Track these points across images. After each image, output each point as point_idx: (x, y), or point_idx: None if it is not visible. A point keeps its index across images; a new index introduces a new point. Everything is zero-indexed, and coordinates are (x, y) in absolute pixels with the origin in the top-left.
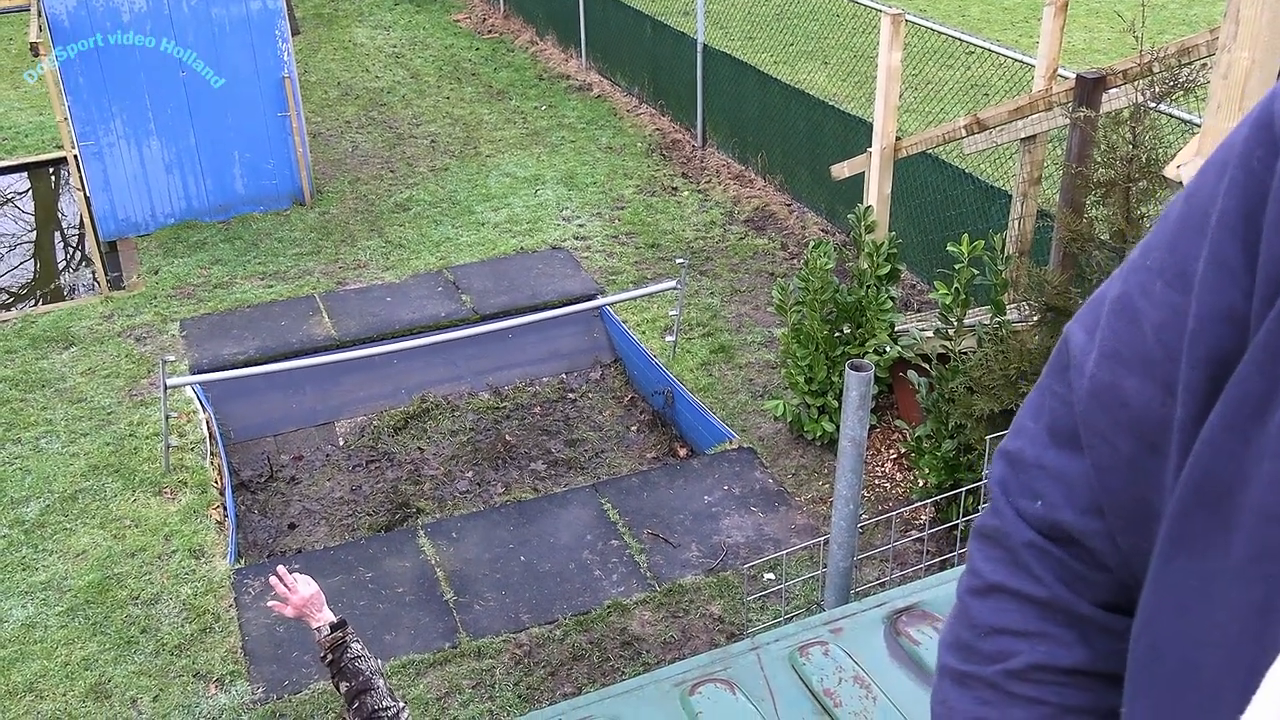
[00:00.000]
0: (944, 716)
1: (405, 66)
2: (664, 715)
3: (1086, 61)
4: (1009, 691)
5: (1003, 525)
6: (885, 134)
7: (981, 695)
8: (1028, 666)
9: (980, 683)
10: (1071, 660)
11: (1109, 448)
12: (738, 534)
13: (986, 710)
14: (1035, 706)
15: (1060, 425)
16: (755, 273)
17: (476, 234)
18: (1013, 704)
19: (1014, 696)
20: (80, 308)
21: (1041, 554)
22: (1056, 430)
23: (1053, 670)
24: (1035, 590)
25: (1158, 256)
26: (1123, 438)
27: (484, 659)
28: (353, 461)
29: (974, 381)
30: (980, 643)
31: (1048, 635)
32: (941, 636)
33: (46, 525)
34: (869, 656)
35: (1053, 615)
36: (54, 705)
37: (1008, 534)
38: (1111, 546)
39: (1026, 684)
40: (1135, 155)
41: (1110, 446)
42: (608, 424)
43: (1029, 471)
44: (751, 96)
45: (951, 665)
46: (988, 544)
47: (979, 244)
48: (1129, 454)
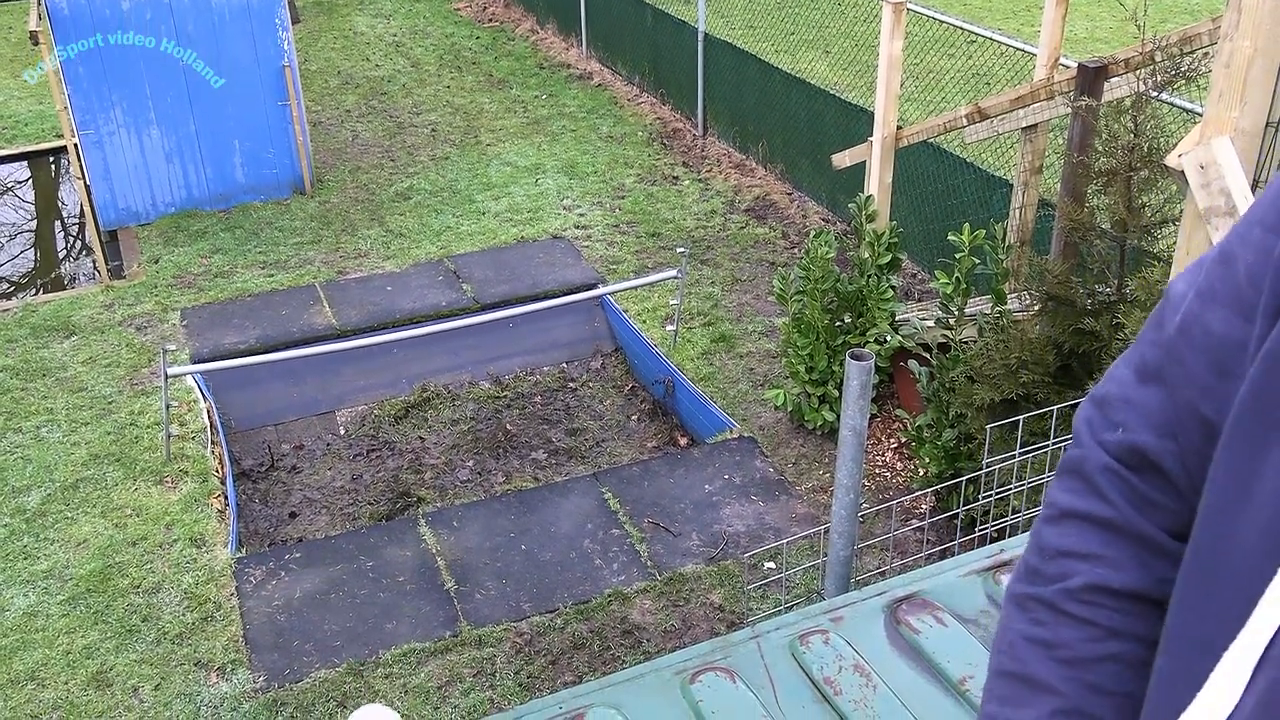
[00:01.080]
0: (1002, 638)
1: (406, 55)
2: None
3: (1088, 50)
4: (1063, 610)
5: (1082, 455)
6: (886, 123)
7: (1037, 616)
8: (1083, 586)
9: (1038, 603)
10: (1125, 582)
11: (1187, 373)
12: (738, 523)
13: (1039, 630)
14: (1085, 627)
15: (1148, 365)
16: (756, 262)
17: (477, 223)
18: (1063, 623)
19: (1066, 616)
20: (81, 297)
21: (1115, 477)
22: (1144, 370)
23: (1107, 591)
24: (1104, 511)
25: (1260, 209)
26: (1199, 361)
27: (485, 648)
28: (353, 450)
29: (975, 371)
30: (1045, 565)
31: (1107, 557)
32: (1015, 569)
33: (48, 514)
34: (869, 645)
35: (1116, 536)
36: (55, 693)
37: (1085, 460)
38: (1182, 470)
39: (1080, 604)
40: (1137, 144)
41: (1188, 372)
42: (608, 413)
43: (1113, 406)
44: (752, 85)
45: (1016, 590)
46: (1066, 476)
47: (980, 233)
48: (1201, 377)
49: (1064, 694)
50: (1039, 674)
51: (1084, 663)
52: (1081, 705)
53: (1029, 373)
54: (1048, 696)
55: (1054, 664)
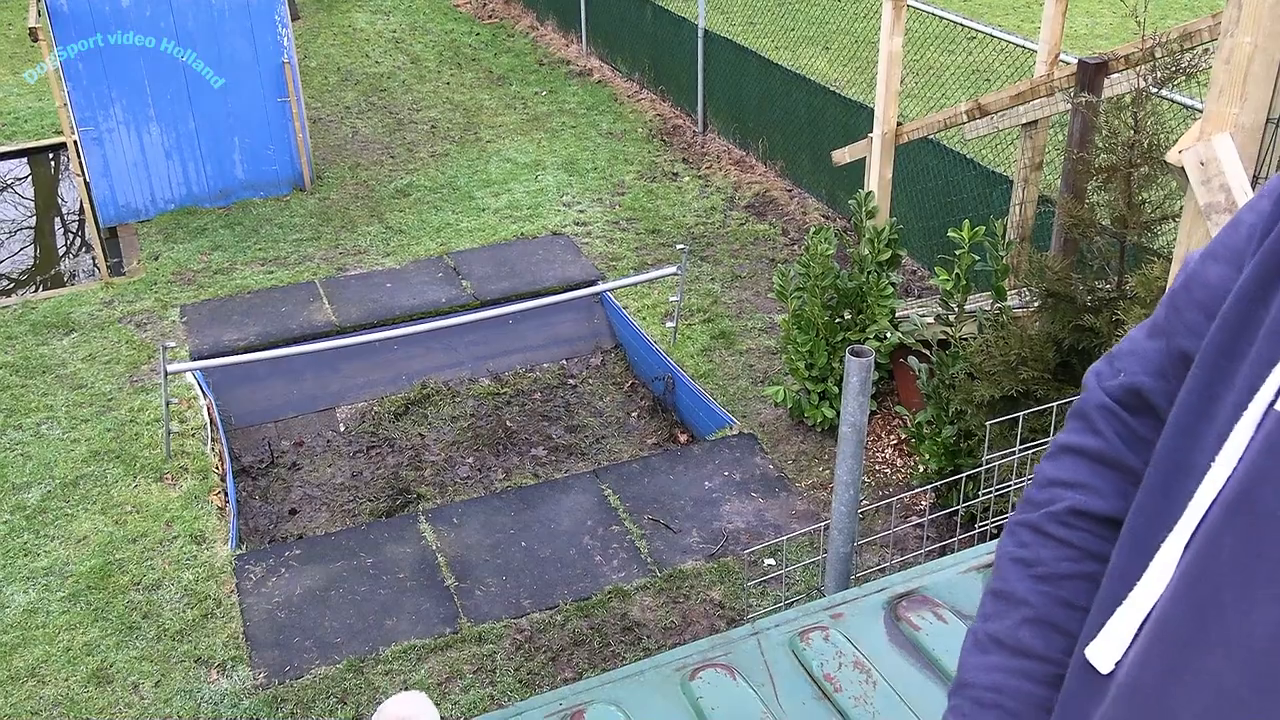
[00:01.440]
0: (995, 561)
1: (405, 51)
2: (664, 700)
3: (1088, 47)
4: (1044, 532)
5: (1085, 398)
6: (886, 119)
7: (1022, 538)
8: (1066, 510)
9: (1025, 527)
10: (1104, 508)
11: (1179, 318)
12: (738, 519)
13: (1022, 551)
14: (1062, 547)
15: (1157, 323)
16: (756, 258)
17: (477, 220)
18: (1043, 544)
19: (1047, 536)
20: (80, 294)
21: (1110, 415)
22: (1154, 327)
23: (1087, 516)
24: (1094, 443)
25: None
26: (1194, 309)
27: (485, 644)
28: (354, 447)
29: (975, 367)
30: (1037, 493)
31: (1092, 486)
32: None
33: (48, 511)
34: (869, 642)
35: (1103, 467)
36: (56, 690)
37: (1086, 402)
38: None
39: (1061, 526)
40: (1137, 140)
41: (1180, 316)
42: (608, 410)
43: (1120, 358)
44: (752, 82)
45: (1012, 519)
46: (1071, 419)
47: (980, 229)
48: (1191, 322)
49: (1034, 605)
50: (1016, 589)
51: (1057, 579)
52: (1049, 616)
53: (1029, 369)
54: (1021, 608)
55: (1030, 580)
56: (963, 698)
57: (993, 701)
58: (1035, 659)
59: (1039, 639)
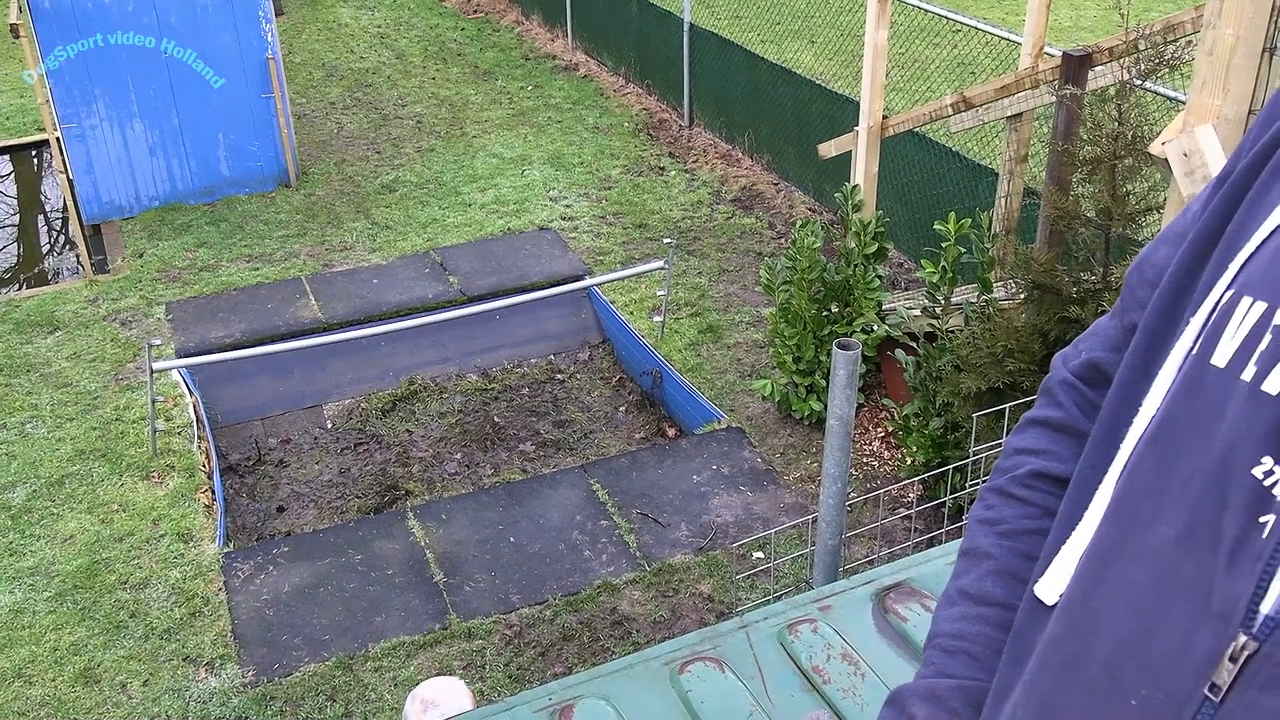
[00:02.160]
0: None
1: (390, 47)
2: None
3: (1073, 39)
4: (1008, 493)
5: (1050, 377)
6: (872, 112)
7: (987, 501)
8: (1027, 473)
9: (991, 491)
10: (1063, 471)
11: (1132, 295)
12: (726, 513)
13: (989, 512)
14: (1023, 506)
15: (1116, 305)
16: (743, 252)
17: (463, 215)
18: (1008, 504)
19: (1010, 497)
20: (64, 292)
21: (1071, 388)
22: (1112, 311)
23: (1047, 478)
24: (1056, 414)
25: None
26: (1143, 287)
27: (474, 640)
28: (341, 444)
29: (961, 360)
30: (1004, 461)
31: (1052, 451)
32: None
33: (33, 510)
34: (857, 633)
35: (1064, 435)
36: (43, 690)
37: (1051, 379)
38: None
39: (1023, 487)
40: (1121, 132)
41: (1133, 294)
42: (596, 405)
43: (1084, 339)
44: (738, 76)
45: (982, 488)
46: (1038, 397)
47: (966, 222)
48: (1144, 298)
49: (997, 558)
50: (981, 545)
51: (1017, 534)
52: (1010, 567)
53: (1015, 361)
54: (985, 561)
55: (994, 536)
56: (933, 649)
57: (957, 647)
58: (996, 605)
59: (1000, 587)
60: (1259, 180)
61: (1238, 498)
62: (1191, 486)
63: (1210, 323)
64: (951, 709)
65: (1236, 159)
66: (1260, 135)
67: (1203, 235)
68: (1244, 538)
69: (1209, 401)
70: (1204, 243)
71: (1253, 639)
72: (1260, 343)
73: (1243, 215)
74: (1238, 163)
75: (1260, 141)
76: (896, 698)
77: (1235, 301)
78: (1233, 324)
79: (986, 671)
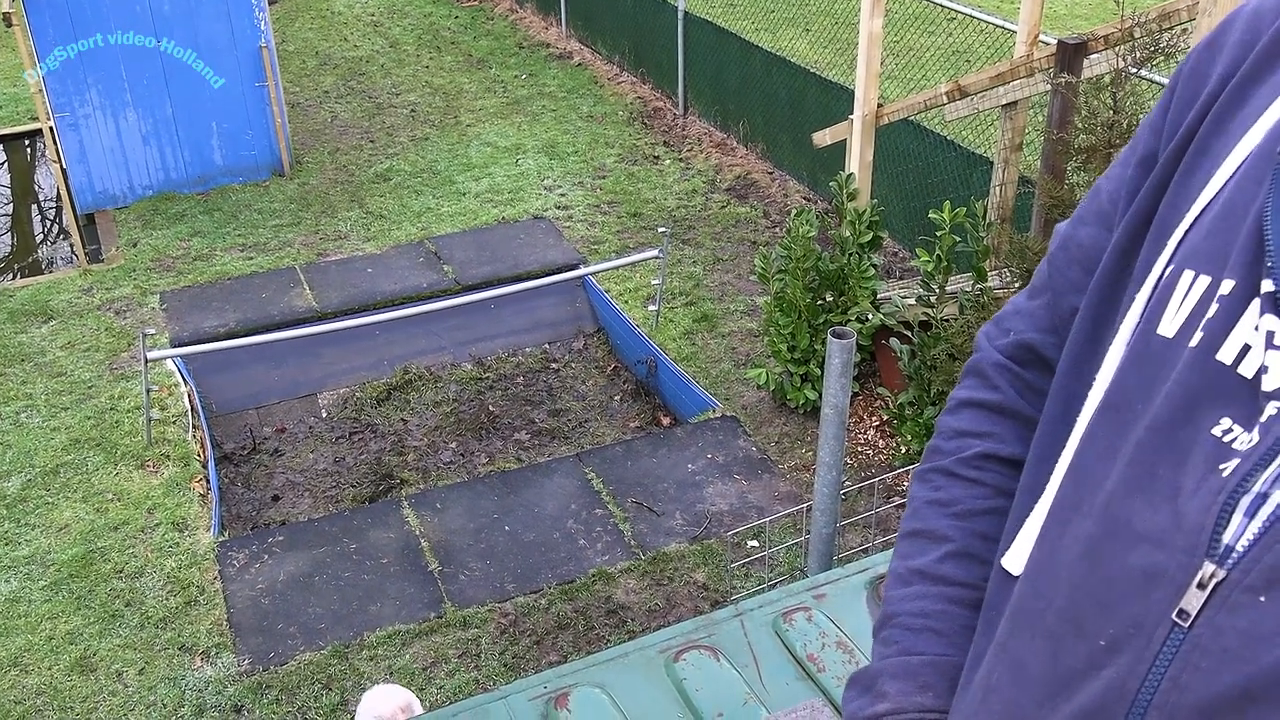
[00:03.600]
0: (908, 509)
1: (384, 35)
2: (649, 682)
3: (1068, 27)
4: (957, 474)
5: (979, 358)
6: (867, 101)
7: (935, 483)
8: (976, 455)
9: (936, 472)
10: (1010, 452)
11: (1062, 277)
12: (721, 502)
13: (937, 494)
14: (975, 486)
15: (1037, 285)
16: (737, 241)
17: (458, 204)
18: (957, 484)
19: (959, 478)
20: (59, 281)
21: (1005, 370)
22: (1033, 290)
23: (995, 459)
24: (993, 397)
25: (1122, 151)
26: (1073, 268)
27: (469, 628)
28: (336, 433)
29: (956, 348)
30: (945, 444)
31: (995, 434)
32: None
33: (28, 500)
34: (852, 621)
35: (1004, 418)
36: (39, 679)
37: (980, 360)
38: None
39: (972, 469)
40: (1116, 121)
41: (1063, 275)
42: (591, 394)
43: (1007, 319)
44: (733, 64)
45: (920, 469)
46: (966, 376)
47: (961, 211)
48: (1074, 279)
49: (954, 539)
50: (936, 527)
51: (972, 514)
52: (968, 548)
53: None
54: (942, 543)
55: (949, 517)
56: (891, 628)
57: (922, 625)
58: (957, 585)
59: (959, 569)
60: (1185, 159)
61: (1197, 454)
62: (1145, 446)
63: (1154, 297)
64: (924, 683)
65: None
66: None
67: (1137, 216)
68: (1204, 480)
69: (1158, 368)
70: (1138, 222)
71: (1221, 568)
72: (1206, 313)
73: (1173, 194)
74: (1156, 143)
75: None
76: (861, 678)
77: (1176, 275)
78: (1175, 297)
79: (955, 648)
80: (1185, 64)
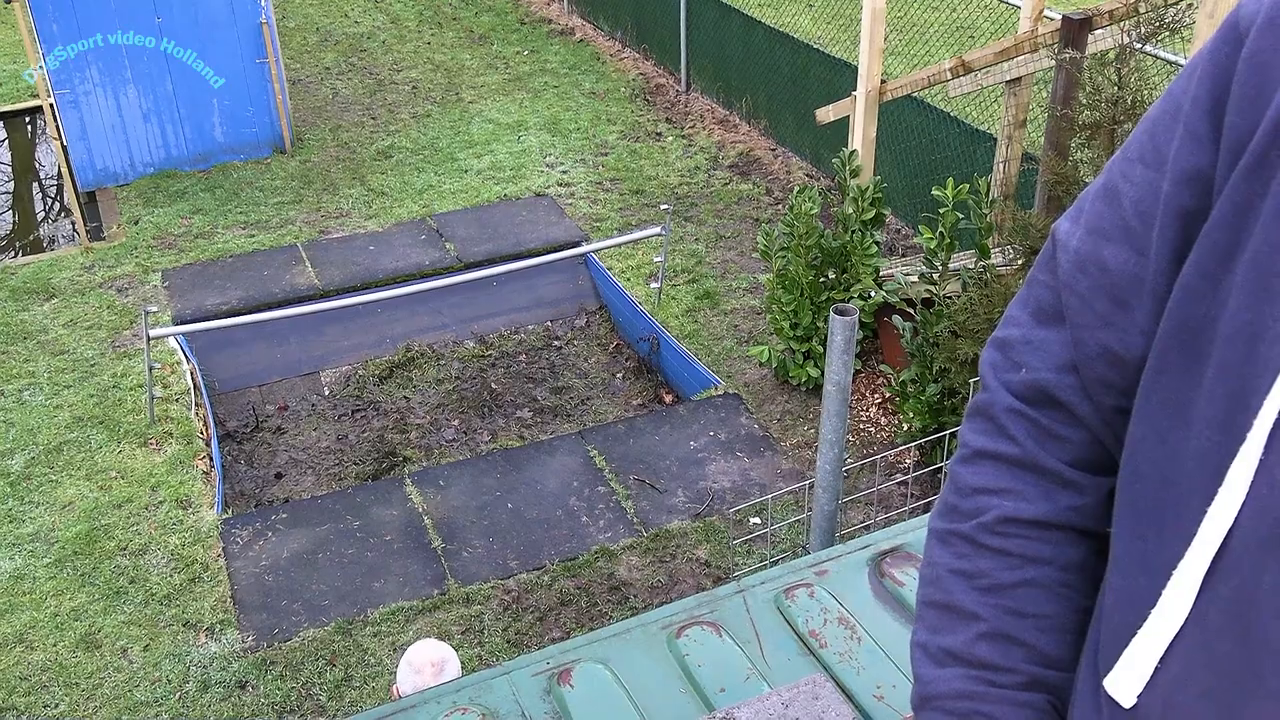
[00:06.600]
0: (928, 572)
1: (385, 11)
2: (651, 658)
3: (1072, 2)
4: (980, 543)
5: (989, 398)
6: (870, 77)
7: (959, 550)
8: (997, 520)
9: (959, 538)
10: (1033, 513)
11: (1087, 308)
12: (724, 479)
13: (961, 563)
14: (1001, 557)
15: (1045, 307)
16: (740, 218)
17: (460, 181)
18: (981, 555)
19: (984, 548)
20: (60, 259)
21: (1019, 416)
22: (1041, 312)
23: (1018, 522)
24: (1010, 449)
25: (1137, 145)
26: (1100, 298)
27: (473, 605)
28: (339, 411)
29: (958, 325)
30: (962, 502)
31: (1015, 491)
32: (935, 507)
33: (32, 477)
34: (853, 598)
35: (1023, 472)
36: (44, 655)
37: (993, 404)
38: (1083, 400)
39: (995, 536)
40: (1120, 97)
41: (1088, 307)
42: (593, 371)
43: (1015, 348)
44: (735, 40)
45: (938, 527)
46: (976, 418)
47: (964, 188)
48: (1103, 311)
49: (986, 619)
50: (963, 602)
51: (1002, 589)
52: (1002, 628)
53: None
54: (972, 622)
55: (976, 592)
56: (934, 710)
57: (968, 710)
58: (994, 670)
59: (996, 653)
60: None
61: None
62: None
63: None
64: None
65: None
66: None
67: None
68: None
69: None
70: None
71: None
72: None
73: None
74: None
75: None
76: None
77: None
78: None
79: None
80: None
